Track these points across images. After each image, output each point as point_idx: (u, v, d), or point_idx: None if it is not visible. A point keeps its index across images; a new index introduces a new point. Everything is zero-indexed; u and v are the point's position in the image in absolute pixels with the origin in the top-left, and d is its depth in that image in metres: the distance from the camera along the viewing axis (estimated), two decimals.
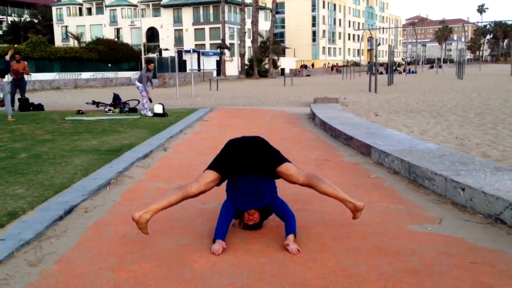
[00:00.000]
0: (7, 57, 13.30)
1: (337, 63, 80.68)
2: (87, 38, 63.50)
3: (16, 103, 15.03)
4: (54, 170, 5.86)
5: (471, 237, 3.74)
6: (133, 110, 14.09)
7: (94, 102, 15.44)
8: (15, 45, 43.47)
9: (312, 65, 71.89)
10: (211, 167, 3.78)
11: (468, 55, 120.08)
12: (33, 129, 9.92)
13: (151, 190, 5.34)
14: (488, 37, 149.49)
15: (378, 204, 4.67)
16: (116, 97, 14.46)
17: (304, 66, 64.41)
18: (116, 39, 58.97)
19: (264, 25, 67.30)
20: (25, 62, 16.08)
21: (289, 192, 5.06)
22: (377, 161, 6.59)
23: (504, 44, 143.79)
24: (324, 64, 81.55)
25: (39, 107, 15.21)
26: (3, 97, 11.52)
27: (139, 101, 15.11)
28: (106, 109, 13.81)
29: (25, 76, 15.92)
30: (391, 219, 4.21)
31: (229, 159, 3.77)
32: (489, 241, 3.65)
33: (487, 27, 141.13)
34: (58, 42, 69.92)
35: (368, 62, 68.26)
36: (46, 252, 3.51)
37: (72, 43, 61.29)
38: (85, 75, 40.70)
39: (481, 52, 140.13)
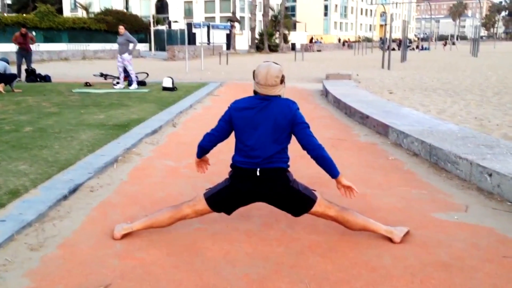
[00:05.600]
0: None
1: (348, 39, 79.49)
2: (96, 8, 62.78)
3: (23, 74, 14.81)
4: (59, 146, 5.64)
5: (501, 227, 3.49)
6: (142, 83, 13.81)
7: (102, 74, 15.15)
8: (23, 15, 43.03)
9: (317, 40, 70.26)
10: (208, 200, 3.21)
11: (482, 32, 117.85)
12: (40, 101, 9.70)
13: (160, 168, 5.12)
14: (503, 14, 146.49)
15: (399, 189, 4.42)
16: (124, 70, 14.15)
17: (312, 41, 63.26)
18: (125, 10, 58.24)
19: None
20: (31, 34, 15.74)
21: (305, 174, 4.82)
22: (395, 141, 6.31)
23: None
24: (339, 39, 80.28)
25: (46, 78, 14.96)
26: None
27: (148, 74, 14.82)
28: (114, 82, 13.53)
29: (31, 45, 15.60)
30: (414, 206, 3.96)
31: (234, 204, 3.26)
32: None
33: (502, 3, 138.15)
34: (67, 12, 69.17)
35: (380, 38, 67.18)
36: (49, 235, 3.31)
37: (81, 13, 60.65)
38: (94, 46, 40.24)
39: (495, 29, 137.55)
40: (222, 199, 3.21)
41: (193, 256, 3.02)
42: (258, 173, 3.08)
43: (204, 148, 3.40)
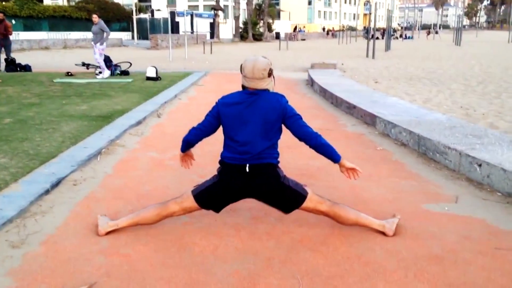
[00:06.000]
0: None
1: (333, 28, 79.37)
2: None
3: (2, 64, 14.46)
4: (41, 138, 5.48)
5: (492, 218, 3.47)
6: (125, 73, 13.58)
7: (84, 64, 14.85)
8: (3, 2, 42.08)
9: (300, 28, 69.79)
10: (196, 197, 3.11)
11: (465, 21, 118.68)
12: (20, 92, 9.46)
13: (145, 160, 5.00)
14: (485, 3, 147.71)
15: (388, 180, 4.38)
16: (107, 59, 13.89)
17: (296, 29, 62.93)
18: None
19: None
20: (9, 22, 15.29)
21: (294, 165, 4.76)
22: (382, 131, 6.27)
23: (501, 10, 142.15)
24: (323, 27, 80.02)
25: (27, 68, 14.63)
26: None
27: (131, 64, 14.58)
28: (97, 72, 13.29)
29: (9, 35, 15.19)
30: (404, 197, 3.92)
31: (222, 201, 3.16)
32: None
33: None
34: (47, 0, 67.95)
35: (364, 27, 67.26)
36: (30, 231, 3.19)
37: (61, 1, 59.53)
38: (75, 35, 39.55)
39: (477, 18, 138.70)
40: (211, 196, 3.12)
41: (181, 252, 2.94)
42: (247, 169, 3.00)
43: (189, 142, 3.30)
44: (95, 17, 12.77)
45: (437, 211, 3.62)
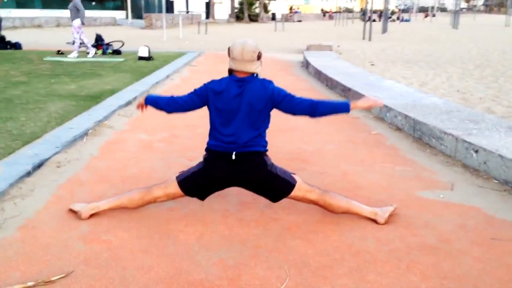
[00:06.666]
0: None
1: (330, 9, 78.63)
2: None
3: None
4: (26, 117, 5.32)
5: (488, 206, 3.36)
6: (117, 52, 13.33)
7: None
8: None
9: (297, 9, 68.98)
10: (181, 183, 2.99)
11: (462, 4, 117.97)
12: (8, 70, 9.24)
13: (133, 142, 4.86)
14: None
15: (382, 165, 4.25)
16: (99, 38, 13.65)
17: (292, 10, 62.22)
18: None
19: None
20: None
21: (286, 150, 4.63)
22: (377, 115, 6.14)
23: None
24: (322, 9, 79.17)
25: (17, 45, 14.35)
26: None
27: (123, 43, 14.32)
28: (88, 51, 13.03)
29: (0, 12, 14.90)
30: (398, 183, 3.81)
31: (207, 189, 3.04)
32: (510, 212, 3.26)
33: None
34: None
35: (361, 9, 66.60)
36: (8, 215, 3.06)
37: None
38: (68, 12, 39.02)
39: (475, 1, 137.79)
40: (196, 183, 2.99)
41: (164, 239, 2.81)
42: (233, 157, 2.87)
43: (159, 105, 3.08)
44: None
45: (432, 198, 3.50)
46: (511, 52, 15.93)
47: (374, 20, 30.69)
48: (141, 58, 11.91)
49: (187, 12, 43.64)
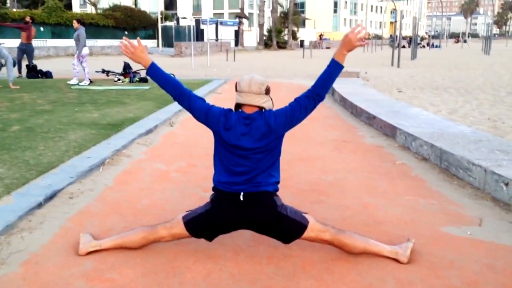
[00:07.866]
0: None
1: None
2: (105, 4, 62.60)
3: (24, 70, 14.54)
4: (45, 146, 5.31)
5: None
6: (144, 80, 13.47)
7: (104, 71, 14.83)
8: (31, 10, 42.91)
9: (326, 37, 69.26)
10: (187, 224, 2.85)
11: (494, 30, 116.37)
12: (35, 98, 9.38)
13: (149, 171, 4.78)
14: None
15: (406, 198, 4.04)
16: (127, 66, 13.84)
17: (321, 37, 62.45)
18: (133, 6, 57.96)
19: None
20: (33, 27, 15.32)
21: (305, 180, 4.47)
22: (403, 144, 5.93)
23: None
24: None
25: (48, 74, 14.68)
26: (4, 62, 10.97)
27: None
28: (116, 79, 13.22)
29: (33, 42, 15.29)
30: (422, 218, 3.59)
31: (214, 231, 2.89)
32: None
33: None
34: (76, 8, 69.10)
35: (390, 35, 66.37)
36: (14, 249, 2.97)
37: (89, 9, 60.45)
38: (101, 42, 39.99)
39: (507, 27, 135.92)
40: (202, 225, 2.85)
41: (170, 277, 2.67)
42: (241, 198, 2.74)
43: (161, 75, 3.10)
44: (74, 23, 12.40)
45: (458, 235, 3.28)
46: None
47: (403, 47, 30.47)
48: None
49: (217, 40, 44.28)
